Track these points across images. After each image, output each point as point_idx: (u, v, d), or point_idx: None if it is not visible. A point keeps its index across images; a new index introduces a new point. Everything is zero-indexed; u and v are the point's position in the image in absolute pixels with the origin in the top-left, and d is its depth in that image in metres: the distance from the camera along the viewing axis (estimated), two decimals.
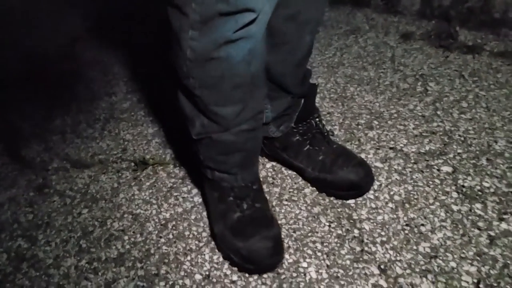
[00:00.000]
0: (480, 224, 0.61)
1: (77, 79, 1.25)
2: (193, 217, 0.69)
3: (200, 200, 0.73)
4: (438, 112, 0.86)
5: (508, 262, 0.56)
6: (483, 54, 1.03)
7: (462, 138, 0.78)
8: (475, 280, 0.54)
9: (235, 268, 0.60)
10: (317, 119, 0.71)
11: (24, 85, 1.25)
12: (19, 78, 1.28)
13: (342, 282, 0.56)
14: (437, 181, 0.69)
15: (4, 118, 1.09)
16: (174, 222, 0.69)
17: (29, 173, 0.87)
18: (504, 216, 0.62)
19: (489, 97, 0.88)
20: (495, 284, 0.53)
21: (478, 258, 0.56)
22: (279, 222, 0.65)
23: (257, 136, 0.61)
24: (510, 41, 1.06)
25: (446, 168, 0.72)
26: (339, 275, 0.57)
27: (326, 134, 0.71)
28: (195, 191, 0.75)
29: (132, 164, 0.84)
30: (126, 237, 0.67)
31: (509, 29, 1.13)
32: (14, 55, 1.42)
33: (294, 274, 0.58)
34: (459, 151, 0.75)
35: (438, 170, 0.71)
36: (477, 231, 0.60)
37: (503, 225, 0.60)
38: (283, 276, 0.57)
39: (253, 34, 0.46)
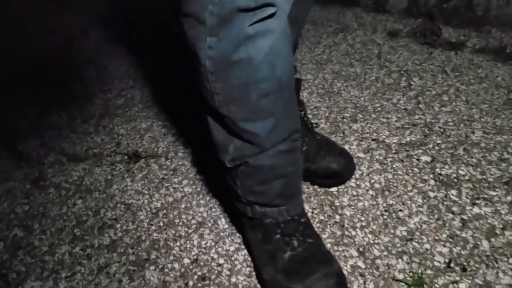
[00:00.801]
0: (454, 209, 0.64)
1: (73, 77, 1.28)
2: (183, 206, 0.72)
3: (191, 190, 0.76)
4: (420, 106, 0.89)
5: (478, 243, 0.59)
6: (465, 51, 1.06)
7: (442, 130, 0.81)
8: (447, 260, 0.57)
9: (223, 252, 0.63)
10: (302, 112, 0.74)
11: (21, 83, 1.28)
12: (17, 77, 1.31)
13: None
14: (416, 169, 0.72)
15: (2, 115, 1.12)
16: (164, 211, 0.72)
17: (25, 167, 0.90)
18: (477, 201, 0.65)
19: (469, 91, 0.92)
20: (465, 263, 0.56)
21: (450, 240, 0.59)
22: None
23: (297, 160, 0.55)
24: (492, 38, 1.10)
25: (425, 158, 0.75)
26: None
27: (310, 126, 0.74)
28: (185, 182, 0.78)
29: (126, 157, 0.87)
30: (118, 225, 0.71)
31: (491, 27, 1.16)
32: (12, 55, 1.45)
33: None
34: (438, 141, 0.78)
35: (418, 159, 0.75)
36: (451, 215, 0.63)
37: (475, 210, 0.63)
38: None
39: (271, 28, 0.43)
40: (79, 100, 1.13)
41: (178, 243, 0.65)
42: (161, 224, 0.69)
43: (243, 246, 0.63)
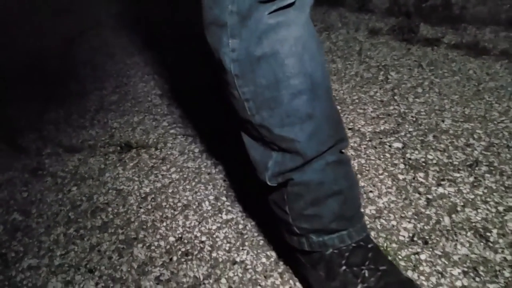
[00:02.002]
0: (421, 189, 0.69)
1: (70, 76, 1.34)
2: (170, 190, 0.77)
3: (178, 176, 0.81)
4: (396, 97, 0.94)
5: (440, 219, 0.63)
6: (441, 46, 1.12)
7: (414, 119, 0.86)
8: (411, 235, 0.61)
9: (205, 231, 0.67)
10: None
11: (21, 82, 1.34)
12: (17, 76, 1.37)
13: None
14: (387, 155, 0.77)
15: (2, 111, 1.18)
16: (153, 195, 0.77)
17: (24, 158, 0.95)
18: (442, 182, 0.69)
19: (442, 83, 0.97)
20: (427, 237, 0.61)
21: (415, 217, 0.64)
22: None
23: (349, 174, 0.50)
24: (467, 35, 1.15)
25: (397, 144, 0.80)
26: None
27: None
28: (173, 169, 0.83)
29: (118, 148, 0.92)
30: (110, 209, 0.75)
31: (467, 24, 1.22)
32: (12, 55, 1.51)
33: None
34: (410, 129, 0.83)
35: (390, 146, 0.79)
36: (417, 195, 0.68)
37: (440, 190, 0.68)
38: (245, 236, 0.65)
39: (292, 19, 0.42)
40: (76, 97, 1.18)
41: (164, 224, 0.70)
42: (149, 207, 0.74)
43: (224, 225, 0.68)
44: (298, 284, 0.57)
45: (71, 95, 1.21)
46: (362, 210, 0.51)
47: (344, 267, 0.47)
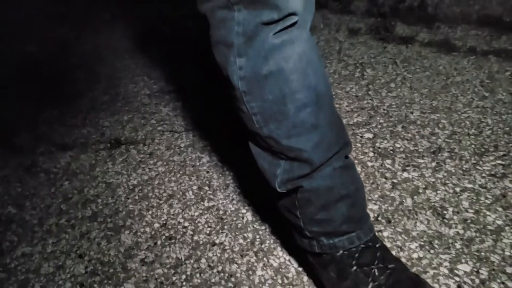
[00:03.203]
0: (387, 174, 0.74)
1: (64, 78, 1.39)
2: (156, 182, 0.82)
3: (164, 169, 0.85)
4: (370, 92, 0.99)
5: (403, 200, 0.68)
6: (415, 44, 1.18)
7: (385, 111, 0.91)
8: (376, 215, 0.67)
9: (188, 217, 0.71)
10: None
11: (16, 84, 1.39)
12: (12, 79, 1.42)
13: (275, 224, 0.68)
14: (358, 145, 0.82)
15: None
16: (140, 187, 0.82)
17: (19, 157, 0.99)
18: (407, 168, 0.75)
19: (414, 78, 1.02)
20: (390, 217, 0.66)
21: (381, 199, 0.69)
22: None
23: (355, 177, 0.52)
24: (440, 33, 1.21)
25: (368, 135, 0.85)
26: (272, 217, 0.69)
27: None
28: (159, 163, 0.87)
29: (108, 145, 0.97)
30: (99, 200, 0.80)
31: (440, 23, 1.28)
32: (7, 58, 1.56)
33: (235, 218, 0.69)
34: (381, 121, 0.88)
35: (361, 136, 0.85)
36: (384, 180, 0.73)
37: (405, 174, 0.73)
38: (225, 221, 0.69)
39: (296, 37, 0.44)
40: (69, 98, 1.23)
41: (150, 212, 0.75)
42: (137, 197, 0.79)
43: (206, 211, 0.73)
44: (271, 261, 0.62)
45: (65, 96, 1.25)
46: (367, 210, 0.54)
47: (355, 267, 0.50)
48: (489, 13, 1.27)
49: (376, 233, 0.63)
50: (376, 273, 0.48)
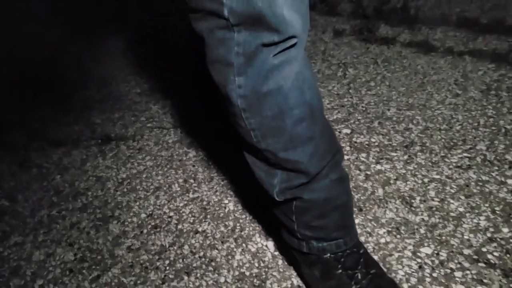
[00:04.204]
0: (362, 167, 0.78)
1: (57, 78, 1.42)
2: (144, 176, 0.86)
3: (152, 163, 0.89)
4: (350, 91, 1.04)
5: (375, 190, 0.73)
6: (396, 45, 1.22)
7: (364, 108, 0.96)
8: None
9: (173, 208, 0.75)
10: None
11: (11, 85, 1.42)
12: (6, 78, 1.45)
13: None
14: None
15: None
16: (129, 180, 0.85)
17: (12, 153, 1.02)
18: (380, 161, 0.79)
19: (393, 77, 1.07)
20: (362, 205, 0.70)
21: (354, 189, 0.73)
22: None
23: (348, 188, 0.56)
24: (420, 34, 1.26)
25: (346, 130, 0.89)
26: (253, 207, 0.72)
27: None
28: (148, 158, 0.91)
29: (99, 141, 1.01)
30: (89, 193, 0.84)
31: (422, 24, 1.33)
32: (4, 60, 1.59)
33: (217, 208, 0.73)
34: (359, 118, 0.93)
35: (339, 132, 0.89)
36: (358, 171, 0.77)
37: (378, 167, 0.78)
38: (208, 210, 0.73)
39: (294, 56, 0.45)
40: (62, 96, 1.26)
41: (137, 203, 0.79)
42: (125, 190, 0.83)
43: (190, 202, 0.77)
44: (249, 246, 0.66)
45: (58, 95, 1.29)
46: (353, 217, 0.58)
47: (340, 270, 0.54)
48: (467, 15, 1.32)
49: None
50: (359, 277, 0.53)
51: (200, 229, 0.71)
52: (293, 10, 0.43)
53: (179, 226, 0.72)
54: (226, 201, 0.76)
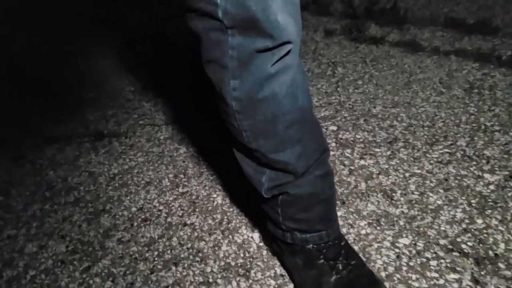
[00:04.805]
0: (346, 162, 0.81)
1: (52, 76, 1.44)
2: (135, 171, 0.88)
3: (143, 159, 0.91)
4: (338, 89, 1.06)
5: (358, 184, 0.75)
6: (385, 44, 1.25)
7: (351, 106, 0.98)
8: None
9: (163, 201, 0.77)
10: None
11: (6, 83, 1.43)
12: (3, 78, 1.46)
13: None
14: None
15: None
16: (120, 175, 0.87)
17: (6, 149, 1.04)
18: (364, 156, 0.81)
19: (380, 76, 1.09)
20: (345, 199, 0.72)
21: (338, 183, 0.76)
22: None
23: (332, 183, 0.57)
24: (409, 34, 1.29)
25: (332, 127, 0.91)
26: (240, 200, 0.74)
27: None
28: (139, 154, 0.93)
29: (92, 138, 1.02)
30: (82, 188, 0.86)
31: (410, 25, 1.35)
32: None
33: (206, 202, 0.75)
34: (345, 115, 0.95)
35: (326, 129, 0.91)
36: (342, 166, 0.80)
37: (362, 162, 0.80)
38: (197, 204, 0.75)
39: (289, 64, 0.46)
40: (56, 94, 1.28)
41: (128, 198, 0.81)
42: (117, 185, 0.85)
43: (180, 196, 0.79)
44: (235, 238, 0.68)
45: (52, 93, 1.30)
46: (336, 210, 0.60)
47: (322, 260, 0.56)
48: (455, 16, 1.34)
49: None
50: (340, 267, 0.55)
51: (188, 222, 0.73)
52: (287, 14, 0.43)
53: (168, 219, 0.75)
54: (215, 195, 0.78)
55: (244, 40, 0.43)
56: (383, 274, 0.59)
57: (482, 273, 0.58)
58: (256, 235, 0.68)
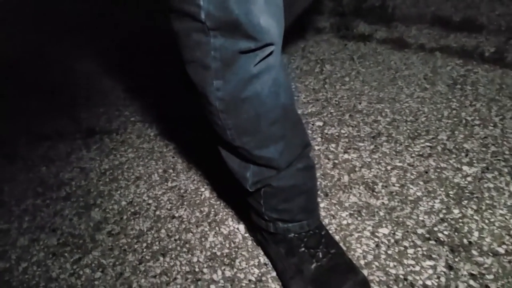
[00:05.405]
0: (330, 156, 0.83)
1: (45, 76, 1.45)
2: (125, 166, 0.90)
3: (133, 155, 0.93)
4: (326, 86, 1.08)
5: (341, 177, 0.77)
6: (372, 42, 1.27)
7: (337, 102, 1.00)
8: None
9: (152, 195, 0.79)
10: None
11: None
12: None
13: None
14: (309, 131, 0.91)
15: None
16: (111, 171, 0.89)
17: (0, 146, 1.05)
18: (348, 150, 0.84)
19: (367, 73, 1.12)
20: (328, 191, 0.75)
21: (322, 176, 0.78)
22: None
23: (314, 176, 0.60)
24: (396, 32, 1.31)
25: (319, 123, 0.94)
26: (227, 194, 0.77)
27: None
28: (130, 150, 0.95)
29: (84, 134, 1.04)
30: (73, 183, 0.87)
31: (398, 22, 1.38)
32: None
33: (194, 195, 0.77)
34: (332, 111, 0.97)
35: (313, 124, 0.93)
36: (326, 160, 0.82)
37: (345, 156, 0.82)
38: (185, 197, 0.77)
39: (272, 64, 0.46)
40: (49, 93, 1.30)
41: (118, 192, 0.83)
42: (107, 180, 0.87)
43: (169, 191, 0.81)
44: (222, 229, 0.70)
45: (45, 92, 1.32)
46: (318, 201, 0.62)
47: (303, 249, 0.59)
48: (441, 14, 1.37)
49: None
50: (320, 256, 0.58)
51: (176, 215, 0.75)
52: (270, 17, 0.44)
53: (157, 212, 0.77)
54: (203, 189, 0.81)
55: (227, 41, 0.43)
56: (362, 262, 0.62)
57: (456, 259, 0.60)
58: (242, 227, 0.71)
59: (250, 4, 0.42)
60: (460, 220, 0.66)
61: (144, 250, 0.69)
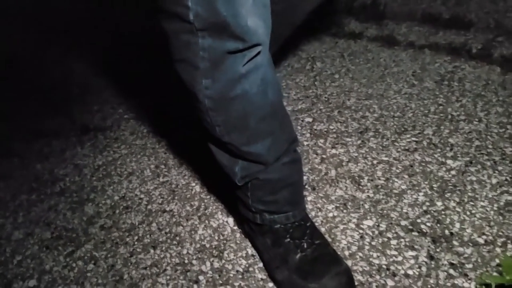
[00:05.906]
0: (318, 151, 0.85)
1: (39, 75, 1.46)
2: (119, 162, 0.92)
3: (126, 151, 0.95)
4: (316, 83, 1.10)
5: (328, 172, 0.79)
6: (363, 39, 1.29)
7: (326, 99, 1.02)
8: (303, 184, 0.76)
9: (144, 190, 0.81)
10: None
11: None
12: None
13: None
14: (299, 127, 0.93)
15: None
16: (104, 167, 0.91)
17: None
18: (336, 146, 0.86)
19: (357, 70, 1.13)
20: (316, 185, 0.77)
21: (310, 171, 0.80)
22: None
23: (300, 169, 0.61)
24: (387, 29, 1.33)
25: (308, 119, 0.96)
26: (217, 188, 0.78)
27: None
28: (123, 146, 0.97)
29: (78, 132, 1.06)
30: (67, 179, 0.89)
31: (389, 20, 1.39)
32: None
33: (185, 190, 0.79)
34: (321, 107, 0.99)
35: (302, 121, 0.95)
36: (315, 155, 0.84)
37: (333, 151, 0.84)
38: (176, 192, 0.79)
39: (260, 63, 0.47)
40: (44, 92, 1.31)
41: (111, 187, 0.84)
42: (100, 175, 0.88)
43: (160, 186, 0.83)
44: (211, 223, 0.72)
45: (41, 90, 1.33)
46: (304, 194, 0.63)
47: (288, 239, 0.60)
48: (432, 11, 1.38)
49: None
50: (305, 246, 0.59)
51: (167, 209, 0.77)
52: (257, 17, 0.45)
53: (149, 207, 0.78)
54: (193, 184, 0.82)
55: (215, 42, 0.44)
56: (346, 253, 0.64)
57: (438, 250, 0.62)
58: (231, 220, 0.72)
59: (237, 5, 0.43)
60: (443, 212, 0.68)
61: (136, 243, 0.71)
